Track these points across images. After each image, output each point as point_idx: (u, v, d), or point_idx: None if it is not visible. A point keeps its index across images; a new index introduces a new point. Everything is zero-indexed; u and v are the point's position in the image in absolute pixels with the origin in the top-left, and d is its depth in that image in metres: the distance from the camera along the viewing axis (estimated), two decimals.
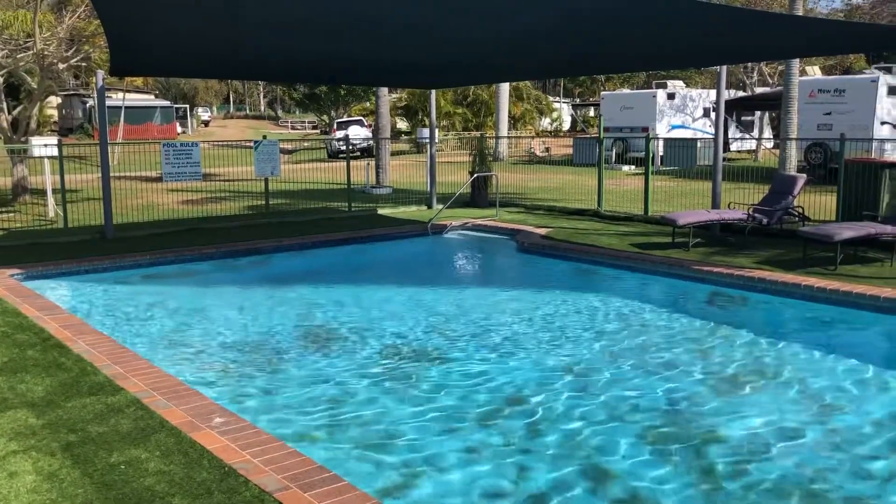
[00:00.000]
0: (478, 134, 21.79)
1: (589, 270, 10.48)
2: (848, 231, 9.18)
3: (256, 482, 3.90)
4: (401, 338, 7.45)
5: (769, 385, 6.06)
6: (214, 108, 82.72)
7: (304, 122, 69.54)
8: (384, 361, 6.71)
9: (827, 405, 5.67)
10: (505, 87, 33.17)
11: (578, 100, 61.49)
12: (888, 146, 18.96)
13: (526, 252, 11.67)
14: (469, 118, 41.84)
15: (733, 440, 5.03)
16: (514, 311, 8.46)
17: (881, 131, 20.21)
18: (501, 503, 4.25)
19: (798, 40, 9.72)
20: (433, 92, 16.81)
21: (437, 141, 18.03)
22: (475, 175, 15.88)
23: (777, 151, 19.18)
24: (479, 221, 13.74)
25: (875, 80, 20.82)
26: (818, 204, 12.02)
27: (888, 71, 21.55)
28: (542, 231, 12.41)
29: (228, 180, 22.33)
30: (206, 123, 66.10)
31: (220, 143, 27.25)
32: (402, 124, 46.40)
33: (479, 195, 16.00)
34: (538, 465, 4.70)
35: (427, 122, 17.15)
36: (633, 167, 24.87)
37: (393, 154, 27.06)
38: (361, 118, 43.12)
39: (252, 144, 15.06)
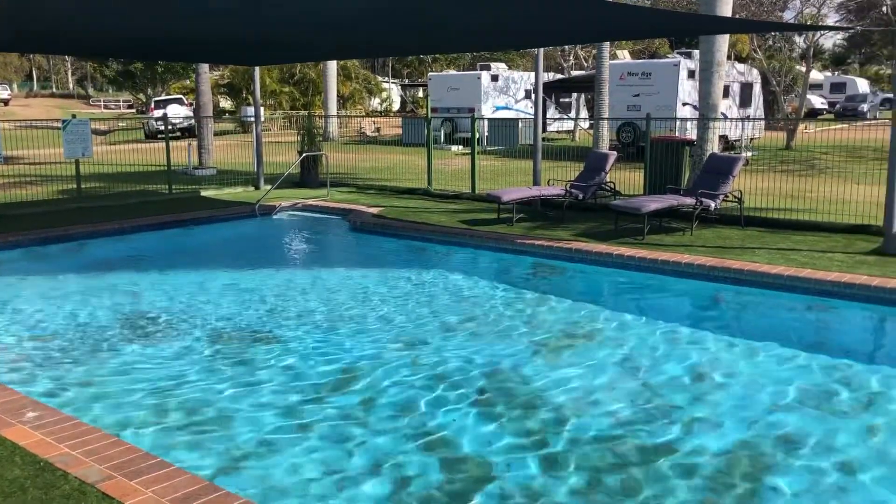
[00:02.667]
0: (306, 113, 21.47)
1: (420, 247, 10.69)
2: (654, 203, 9.95)
3: (76, 474, 3.71)
4: (228, 321, 7.28)
5: (586, 346, 6.49)
6: (14, 86, 75.69)
7: (118, 101, 65.23)
8: (211, 346, 6.55)
9: (636, 362, 6.17)
10: (332, 66, 32.81)
11: (407, 80, 61.87)
12: (689, 125, 20.62)
13: (358, 231, 11.71)
14: (297, 97, 40.97)
15: (557, 400, 5.37)
16: (347, 290, 8.49)
17: (683, 111, 21.93)
18: (335, 477, 4.30)
19: (607, 25, 10.33)
20: (257, 69, 16.36)
21: (262, 120, 17.60)
22: (304, 154, 15.67)
23: (592, 131, 20.33)
24: (309, 202, 13.59)
25: (677, 64, 22.55)
26: (628, 179, 12.90)
27: (688, 56, 23.37)
28: (374, 210, 12.48)
29: (35, 163, 20.62)
30: (6, 102, 60.39)
31: (22, 123, 25.02)
32: (226, 103, 44.68)
33: (309, 175, 15.82)
34: (373, 436, 4.80)
35: (252, 101, 16.69)
36: (461, 147, 25.46)
37: (217, 134, 26.05)
38: (181, 96, 41.08)
39: (60, 124, 14.01)
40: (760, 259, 8.43)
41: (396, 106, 52.63)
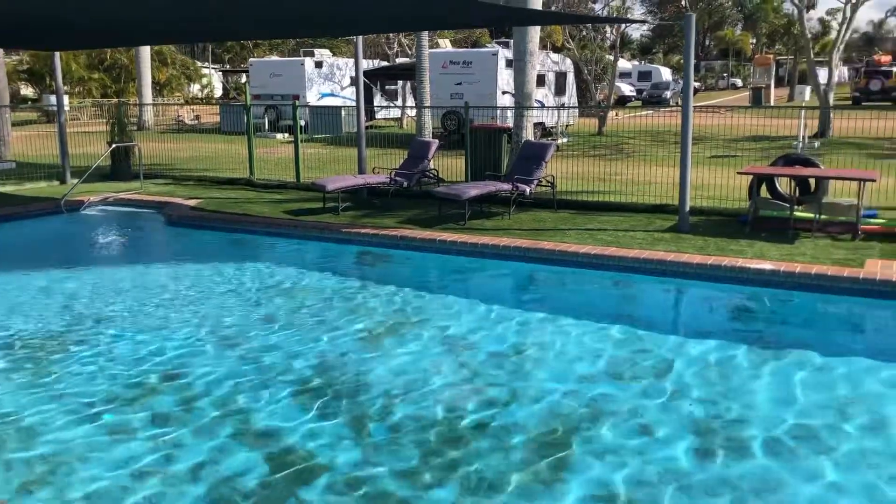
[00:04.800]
0: (116, 101, 20.20)
1: (242, 240, 10.41)
2: (474, 190, 10.26)
3: None
4: (28, 327, 6.77)
5: (412, 331, 6.61)
6: None
7: None
8: (8, 354, 6.07)
9: (460, 343, 6.36)
10: (146, 51, 31.04)
11: (229, 66, 59.78)
12: (509, 113, 21.36)
13: (175, 225, 11.21)
14: (108, 84, 38.50)
15: (384, 385, 5.45)
16: (162, 287, 8.13)
17: (503, 100, 22.67)
18: (151, 480, 4.14)
19: (425, 14, 10.48)
20: (57, 54, 15.19)
21: (68, 108, 16.38)
22: (114, 145, 14.77)
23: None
24: (121, 195, 12.84)
25: (496, 54, 23.26)
26: (452, 166, 13.19)
27: (506, 45, 24.17)
28: (192, 202, 12.01)
29: None
30: None
31: None
32: (28, 90, 41.23)
33: (120, 167, 14.93)
34: (193, 438, 4.66)
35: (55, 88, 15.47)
36: (286, 135, 24.96)
37: (17, 124, 23.95)
38: None
39: None
40: (571, 239, 8.94)
41: (218, 92, 50.74)
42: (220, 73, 52.60)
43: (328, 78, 28.67)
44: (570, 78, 26.52)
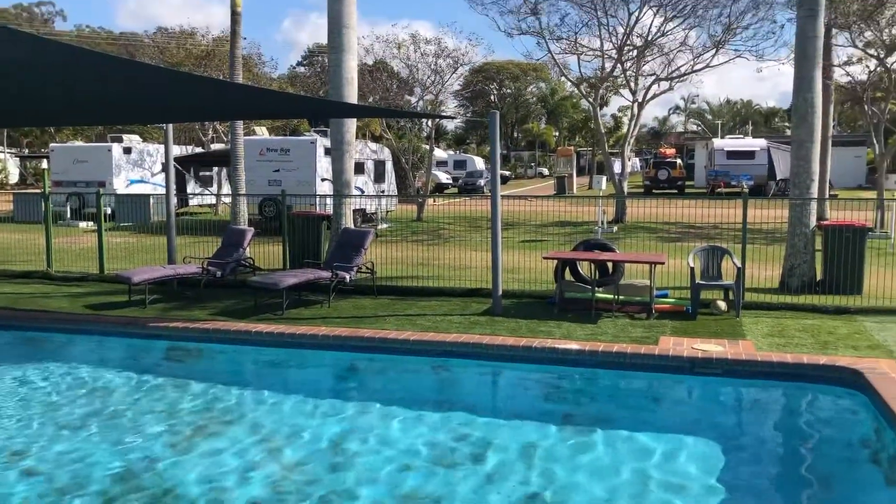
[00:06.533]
0: None
1: (35, 339, 9.55)
2: (291, 278, 10.08)
3: None
4: None
5: (224, 431, 6.28)
6: None
7: None
8: None
9: (275, 442, 6.11)
10: None
11: (27, 150, 56.01)
12: (328, 200, 21.40)
13: None
14: None
15: (192, 493, 5.09)
16: None
17: (322, 187, 22.76)
18: None
19: (238, 106, 10.43)
20: None
21: None
22: None
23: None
24: None
25: (314, 142, 23.44)
26: (270, 254, 12.96)
27: (325, 133, 24.42)
28: None
29: None
30: None
31: None
32: None
33: None
34: None
35: None
36: (91, 223, 23.49)
37: None
38: None
39: None
40: (391, 326, 8.97)
41: (14, 178, 47.25)
42: (17, 157, 49.16)
43: (138, 164, 27.59)
44: (389, 166, 27.18)
